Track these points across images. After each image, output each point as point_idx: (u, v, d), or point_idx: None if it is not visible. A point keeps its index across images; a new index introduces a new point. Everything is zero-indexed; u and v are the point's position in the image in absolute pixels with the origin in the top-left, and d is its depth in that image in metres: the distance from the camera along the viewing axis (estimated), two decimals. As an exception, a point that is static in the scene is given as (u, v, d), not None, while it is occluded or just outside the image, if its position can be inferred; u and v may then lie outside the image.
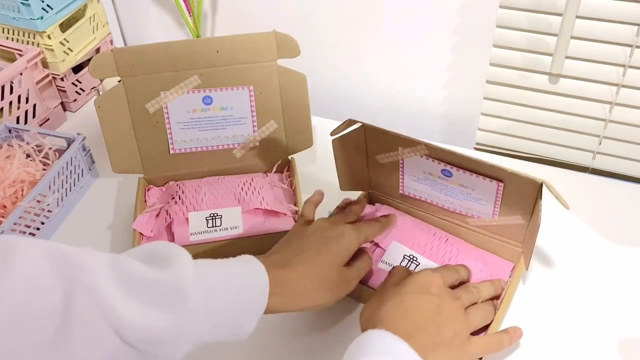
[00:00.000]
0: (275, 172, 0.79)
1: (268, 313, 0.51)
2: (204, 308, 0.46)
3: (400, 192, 0.69)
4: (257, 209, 0.72)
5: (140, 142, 0.75)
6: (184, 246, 0.70)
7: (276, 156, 0.79)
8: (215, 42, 0.72)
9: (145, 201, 0.76)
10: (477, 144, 0.91)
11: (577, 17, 0.73)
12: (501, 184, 0.59)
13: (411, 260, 0.66)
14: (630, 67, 0.74)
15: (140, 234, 0.71)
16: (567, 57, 0.77)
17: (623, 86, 0.76)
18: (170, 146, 0.76)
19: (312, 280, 0.54)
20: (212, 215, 0.71)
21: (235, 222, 0.71)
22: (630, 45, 0.73)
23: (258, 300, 0.49)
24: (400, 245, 0.67)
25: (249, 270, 0.50)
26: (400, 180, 0.68)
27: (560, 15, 0.73)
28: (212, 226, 0.71)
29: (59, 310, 0.39)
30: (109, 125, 0.73)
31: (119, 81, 0.73)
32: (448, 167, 0.62)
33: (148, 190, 0.77)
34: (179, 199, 0.74)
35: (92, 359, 0.41)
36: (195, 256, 0.71)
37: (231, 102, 0.75)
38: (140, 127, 0.74)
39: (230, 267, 0.50)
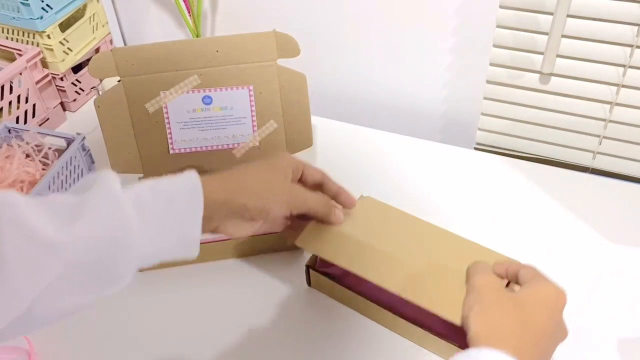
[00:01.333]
0: None
1: (210, 228, 0.50)
2: (139, 213, 0.45)
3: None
4: None
5: (139, 142, 0.75)
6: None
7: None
8: (215, 41, 0.72)
9: None
10: (477, 144, 0.91)
11: (575, 17, 0.73)
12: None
13: None
14: (631, 67, 0.74)
15: (140, 233, 0.71)
16: (567, 57, 0.77)
17: (623, 86, 0.76)
18: (170, 146, 0.76)
19: (247, 174, 0.53)
20: (211, 215, 0.71)
21: None
22: (631, 46, 0.73)
23: (193, 199, 0.47)
24: None
25: (179, 176, 0.49)
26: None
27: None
28: (212, 227, 0.70)
29: None
30: (109, 125, 0.73)
31: (119, 81, 0.73)
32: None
33: None
34: (179, 199, 0.74)
35: (36, 286, 0.41)
36: (199, 257, 0.71)
37: (231, 102, 0.75)
38: (140, 127, 0.74)
39: (160, 178, 0.49)
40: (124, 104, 0.73)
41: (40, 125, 0.93)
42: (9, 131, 0.83)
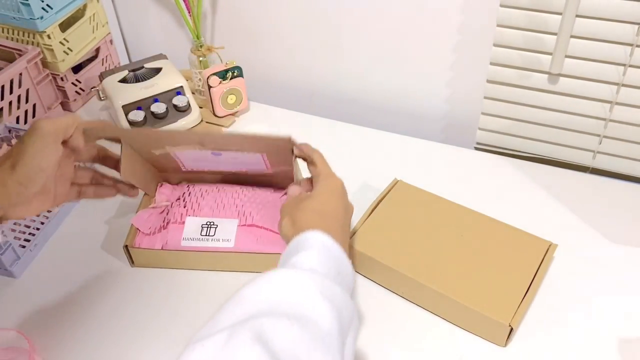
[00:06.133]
0: (284, 195, 0.75)
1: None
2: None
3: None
4: (253, 225, 0.71)
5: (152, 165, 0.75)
6: (174, 250, 0.70)
7: (287, 183, 0.72)
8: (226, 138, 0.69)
9: (155, 198, 0.76)
10: (478, 143, 0.91)
11: (577, 16, 0.73)
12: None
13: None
14: (631, 66, 0.74)
15: (137, 229, 0.71)
16: (567, 57, 0.77)
17: (623, 85, 0.76)
18: (182, 166, 0.75)
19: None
20: (208, 223, 0.71)
21: (228, 235, 0.70)
22: (631, 45, 0.73)
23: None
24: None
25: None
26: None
27: (560, 14, 0.73)
28: (206, 234, 0.70)
29: None
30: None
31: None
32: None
33: (160, 186, 0.77)
34: (183, 201, 0.73)
35: None
36: (188, 263, 0.71)
37: (242, 160, 0.71)
38: (150, 157, 0.72)
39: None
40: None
41: (40, 125, 0.93)
42: (9, 131, 0.83)
